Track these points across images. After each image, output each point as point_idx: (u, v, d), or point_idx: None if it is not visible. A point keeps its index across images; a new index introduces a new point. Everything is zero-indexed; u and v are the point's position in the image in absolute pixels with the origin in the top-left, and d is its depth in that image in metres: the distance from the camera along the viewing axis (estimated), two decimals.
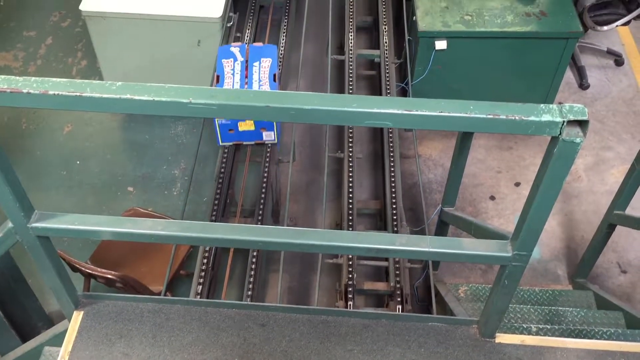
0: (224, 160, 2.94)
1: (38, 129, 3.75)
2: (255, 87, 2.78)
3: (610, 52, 4.17)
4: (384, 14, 3.71)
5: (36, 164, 3.57)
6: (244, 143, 2.93)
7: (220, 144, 2.91)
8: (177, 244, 2.55)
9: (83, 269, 2.54)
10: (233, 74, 2.84)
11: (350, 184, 2.90)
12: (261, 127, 2.82)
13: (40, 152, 3.64)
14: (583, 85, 3.99)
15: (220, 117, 1.33)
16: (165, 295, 2.51)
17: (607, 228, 2.67)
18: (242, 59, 2.89)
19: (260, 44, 3.01)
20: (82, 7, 3.27)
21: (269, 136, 2.85)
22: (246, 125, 2.78)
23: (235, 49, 2.94)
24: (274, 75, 2.86)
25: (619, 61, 4.16)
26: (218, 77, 2.87)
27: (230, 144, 2.93)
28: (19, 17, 4.44)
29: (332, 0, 3.59)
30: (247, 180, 2.99)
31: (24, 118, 3.79)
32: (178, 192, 3.45)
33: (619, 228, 2.67)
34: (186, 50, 3.39)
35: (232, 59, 2.89)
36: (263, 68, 2.87)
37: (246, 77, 2.83)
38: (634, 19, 3.73)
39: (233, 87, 2.77)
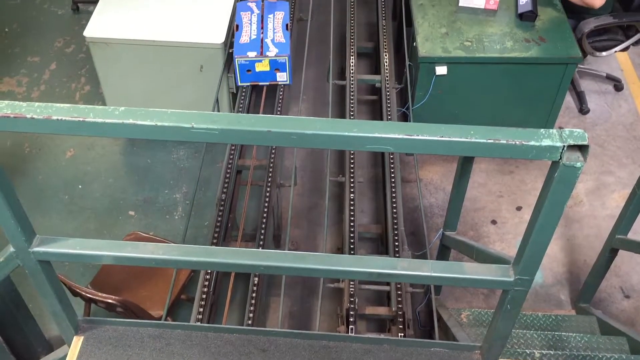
0: (226, 184, 2.95)
1: (40, 154, 3.76)
2: (270, 35, 3.21)
3: (609, 78, 4.20)
4: (385, 40, 3.74)
5: (38, 188, 3.58)
6: (260, 84, 3.30)
7: (239, 84, 3.28)
8: (178, 268, 2.55)
9: (83, 293, 2.53)
10: (250, 24, 3.27)
11: (352, 208, 2.90)
12: (275, 67, 3.20)
13: (42, 176, 3.65)
14: (583, 110, 4.01)
15: (222, 141, 1.33)
16: (165, 320, 2.50)
17: (609, 252, 2.66)
18: (258, 12, 3.33)
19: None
20: (87, 33, 3.31)
21: (282, 77, 3.21)
22: (262, 66, 3.19)
23: (252, 3, 3.38)
24: (286, 25, 3.28)
25: (618, 86, 4.18)
26: (237, 26, 3.27)
27: (248, 84, 3.31)
28: (23, 44, 4.49)
29: (333, 26, 3.63)
30: (248, 204, 2.99)
31: (27, 142, 3.81)
32: (179, 216, 3.45)
33: (621, 252, 2.66)
34: (188, 75, 3.42)
35: (249, 12, 3.33)
36: (277, 19, 3.30)
37: (262, 27, 3.26)
38: (633, 44, 3.76)
39: (250, 35, 3.22)
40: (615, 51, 3.79)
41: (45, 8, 4.81)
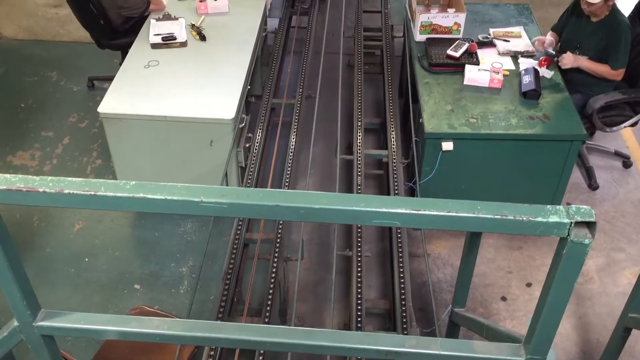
0: (232, 257, 2.93)
1: (49, 226, 3.78)
2: None
3: (618, 154, 4.23)
4: (391, 116, 3.81)
5: (45, 261, 3.58)
6: None
7: None
8: (183, 344, 2.50)
9: None
10: None
11: (359, 283, 2.87)
12: None
13: (49, 249, 3.65)
14: (592, 185, 4.02)
15: (230, 215, 1.34)
16: None
17: (622, 332, 2.60)
18: None
19: None
20: (101, 109, 3.40)
21: None
22: None
23: None
24: None
25: (627, 163, 4.21)
26: None
27: None
28: (38, 119, 4.61)
29: (341, 102, 3.71)
30: (254, 278, 2.96)
31: (36, 215, 3.84)
32: (185, 290, 3.42)
33: (635, 332, 2.60)
34: (198, 150, 3.48)
35: None
36: None
37: None
38: None
39: None
40: (625, 126, 3.85)
41: (62, 85, 4.97)
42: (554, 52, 3.72)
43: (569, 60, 3.65)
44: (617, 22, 3.59)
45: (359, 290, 2.83)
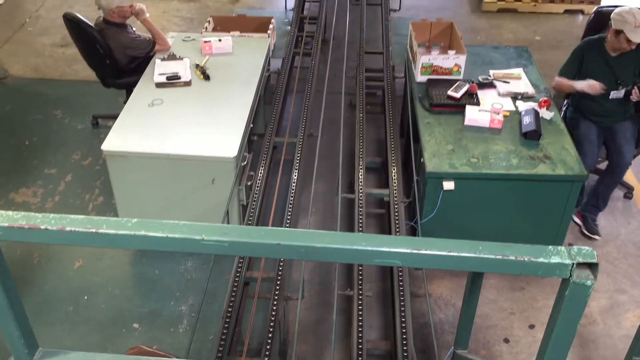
0: (232, 296, 2.91)
1: (49, 264, 3.77)
2: None
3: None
4: (393, 156, 3.84)
5: (44, 298, 3.55)
6: None
7: None
8: None
9: None
10: None
11: (360, 324, 2.84)
12: None
13: (49, 287, 3.63)
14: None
15: (231, 254, 1.34)
16: None
17: None
18: None
19: None
20: (104, 147, 3.42)
21: None
22: None
23: None
24: None
25: (628, 195, 4.23)
26: None
27: None
28: (42, 156, 4.64)
29: (342, 141, 3.74)
30: (254, 317, 2.94)
31: (36, 252, 3.82)
32: (184, 329, 3.38)
33: None
34: (200, 187, 3.49)
35: None
36: None
37: None
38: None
39: None
40: None
41: (66, 123, 5.02)
42: (623, 90, 3.76)
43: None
44: (637, 45, 3.68)
45: (360, 331, 2.80)
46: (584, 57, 3.84)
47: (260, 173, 3.67)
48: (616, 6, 3.75)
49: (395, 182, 3.64)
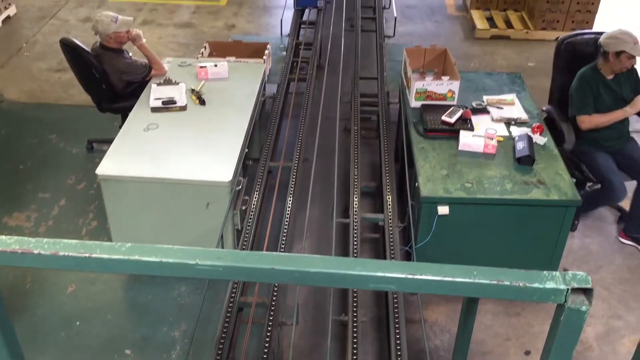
0: (226, 322, 2.89)
1: (42, 289, 3.73)
2: None
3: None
4: (387, 180, 3.85)
5: (35, 324, 3.51)
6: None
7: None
8: None
9: None
10: None
11: (355, 350, 2.81)
12: None
13: (41, 312, 3.59)
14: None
15: (226, 278, 1.34)
16: None
17: None
18: None
19: None
20: (99, 171, 3.42)
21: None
22: None
23: None
24: None
25: (621, 217, 4.27)
26: None
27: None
28: (36, 180, 4.63)
29: (337, 166, 3.75)
30: (248, 343, 2.91)
31: (29, 277, 3.79)
32: (177, 355, 3.34)
33: None
34: (195, 212, 3.48)
35: None
36: None
37: None
38: None
39: None
40: None
41: (61, 147, 5.02)
42: None
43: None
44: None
45: (355, 357, 2.78)
46: (594, 90, 3.88)
47: (255, 197, 3.67)
48: (584, 34, 3.87)
49: (390, 207, 3.64)
